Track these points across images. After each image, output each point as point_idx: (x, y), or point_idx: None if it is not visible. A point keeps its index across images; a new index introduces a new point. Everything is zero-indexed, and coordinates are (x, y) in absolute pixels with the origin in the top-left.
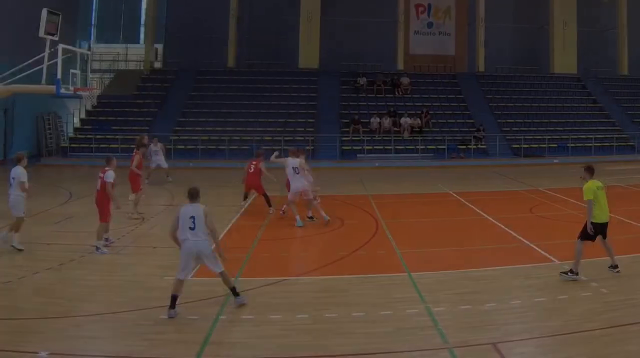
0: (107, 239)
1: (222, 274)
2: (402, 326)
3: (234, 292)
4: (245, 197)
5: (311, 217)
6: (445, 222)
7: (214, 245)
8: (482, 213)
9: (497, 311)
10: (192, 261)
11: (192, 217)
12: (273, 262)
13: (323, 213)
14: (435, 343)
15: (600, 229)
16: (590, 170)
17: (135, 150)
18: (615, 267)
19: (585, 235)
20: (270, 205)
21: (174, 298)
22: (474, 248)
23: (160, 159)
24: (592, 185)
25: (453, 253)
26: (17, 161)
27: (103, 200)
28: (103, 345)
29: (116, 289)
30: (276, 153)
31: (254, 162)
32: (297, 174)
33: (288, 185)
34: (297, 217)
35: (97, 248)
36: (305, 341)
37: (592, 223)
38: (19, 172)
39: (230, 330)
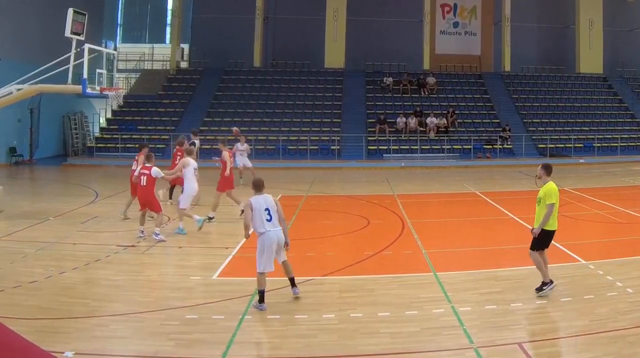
0: (142, 232)
1: (285, 263)
2: (428, 326)
3: (292, 283)
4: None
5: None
6: (471, 222)
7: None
8: (507, 213)
9: (523, 311)
10: (273, 252)
11: (267, 209)
12: (299, 262)
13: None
14: (460, 343)
15: (551, 237)
16: (548, 169)
17: (176, 148)
18: (548, 283)
19: (539, 245)
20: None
21: (261, 293)
22: (500, 248)
23: (245, 159)
24: (555, 187)
25: (479, 253)
26: None
27: (150, 194)
28: (129, 345)
29: (142, 289)
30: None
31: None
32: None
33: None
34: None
35: (157, 234)
36: (331, 341)
37: (544, 230)
38: None
39: (256, 329)
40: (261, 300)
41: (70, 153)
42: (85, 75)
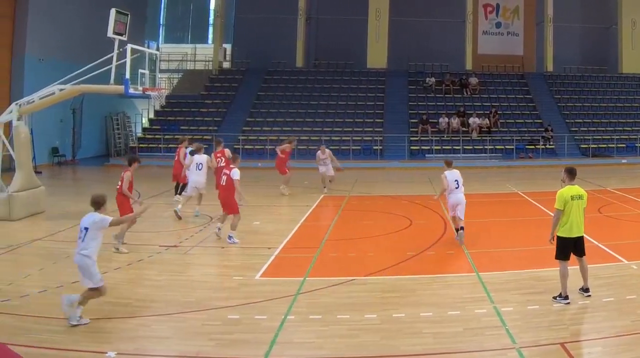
0: (219, 229)
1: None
2: (470, 326)
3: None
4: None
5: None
6: (514, 222)
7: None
8: (550, 213)
9: (565, 311)
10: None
11: (456, 181)
12: (341, 262)
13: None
14: (503, 343)
15: (568, 245)
16: (571, 173)
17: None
18: (586, 290)
19: (558, 254)
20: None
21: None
22: (542, 248)
23: (328, 168)
24: (566, 193)
25: (521, 253)
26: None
27: (229, 195)
28: (171, 345)
29: (184, 289)
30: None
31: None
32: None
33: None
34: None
35: (230, 238)
36: (373, 341)
37: (558, 237)
38: None
39: (298, 330)
40: None
41: (113, 153)
42: (127, 76)
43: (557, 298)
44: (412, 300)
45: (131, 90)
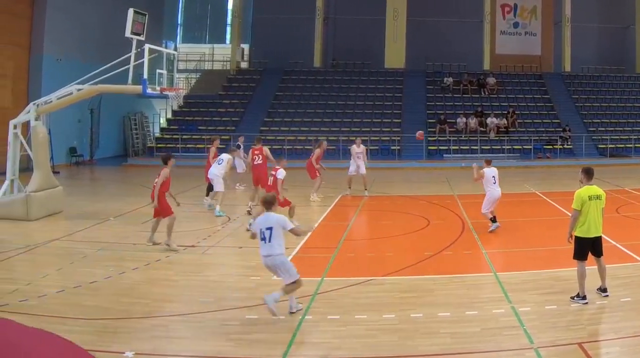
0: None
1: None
2: (488, 326)
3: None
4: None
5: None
6: (532, 222)
7: None
8: (567, 213)
9: (583, 311)
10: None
11: (494, 176)
12: (359, 262)
13: None
14: (521, 344)
15: (586, 245)
16: (588, 173)
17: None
18: (604, 290)
19: (576, 254)
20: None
21: None
22: (560, 248)
23: (361, 165)
24: (584, 193)
25: (539, 253)
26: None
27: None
28: (189, 345)
29: (202, 289)
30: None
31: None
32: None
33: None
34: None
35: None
36: (391, 341)
37: (576, 237)
38: None
39: (316, 330)
40: None
41: (131, 153)
42: (145, 76)
43: (575, 298)
44: (429, 300)
45: (149, 90)
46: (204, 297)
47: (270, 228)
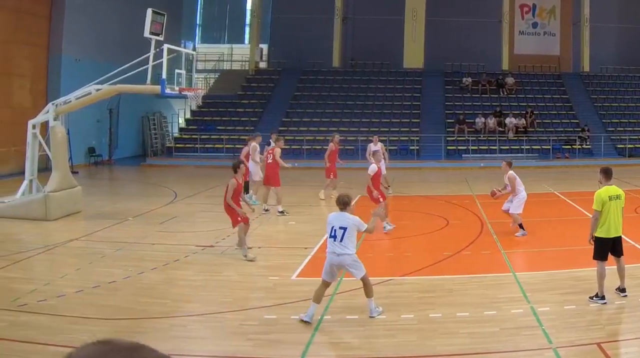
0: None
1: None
2: (507, 326)
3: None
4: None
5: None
6: (550, 222)
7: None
8: (586, 213)
9: (602, 311)
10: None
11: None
12: (378, 262)
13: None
14: (539, 344)
15: (606, 245)
16: (607, 173)
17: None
18: (623, 290)
19: (596, 254)
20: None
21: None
22: (579, 248)
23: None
24: (604, 193)
25: (558, 254)
26: None
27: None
28: (207, 345)
29: (220, 289)
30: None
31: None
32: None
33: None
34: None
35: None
36: (409, 341)
37: (596, 237)
38: None
39: (335, 330)
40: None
41: (149, 153)
42: (164, 76)
43: (594, 298)
44: (448, 300)
45: (168, 90)
46: (223, 297)
47: (344, 228)
